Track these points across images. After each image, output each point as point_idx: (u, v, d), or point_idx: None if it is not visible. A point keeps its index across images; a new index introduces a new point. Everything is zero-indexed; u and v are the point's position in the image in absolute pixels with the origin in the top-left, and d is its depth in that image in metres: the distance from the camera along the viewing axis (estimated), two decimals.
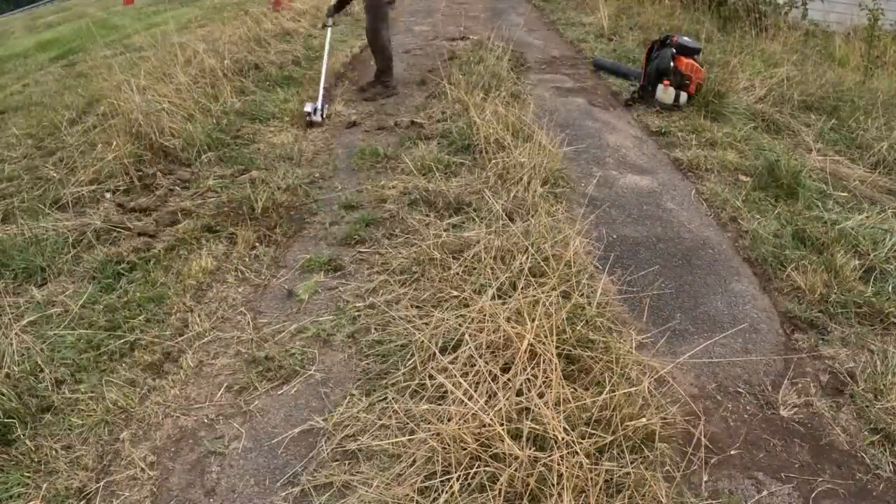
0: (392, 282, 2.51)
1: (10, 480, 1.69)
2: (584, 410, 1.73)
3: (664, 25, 6.90)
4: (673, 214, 3.20)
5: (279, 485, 1.73)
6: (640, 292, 2.54)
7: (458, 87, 4.25)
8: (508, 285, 2.24)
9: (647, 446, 1.73)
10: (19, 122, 4.51)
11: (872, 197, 3.42)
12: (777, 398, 2.07)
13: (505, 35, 5.98)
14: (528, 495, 1.56)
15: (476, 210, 2.94)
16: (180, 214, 3.08)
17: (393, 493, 1.60)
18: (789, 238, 2.91)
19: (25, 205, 3.14)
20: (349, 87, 5.14)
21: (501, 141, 3.46)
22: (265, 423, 1.93)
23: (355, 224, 2.94)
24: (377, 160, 3.64)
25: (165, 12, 9.60)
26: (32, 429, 1.86)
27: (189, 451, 1.85)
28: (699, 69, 4.49)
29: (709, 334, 2.34)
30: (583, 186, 3.36)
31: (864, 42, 5.98)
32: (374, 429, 1.84)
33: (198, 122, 3.83)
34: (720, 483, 1.75)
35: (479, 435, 1.66)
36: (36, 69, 7.32)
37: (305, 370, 2.12)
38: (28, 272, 2.60)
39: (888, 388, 2.06)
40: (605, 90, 5.15)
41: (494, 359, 1.93)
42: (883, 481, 1.79)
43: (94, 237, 2.84)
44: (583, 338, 2.04)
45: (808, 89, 4.78)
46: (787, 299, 2.56)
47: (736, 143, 3.98)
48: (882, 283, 2.61)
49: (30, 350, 2.11)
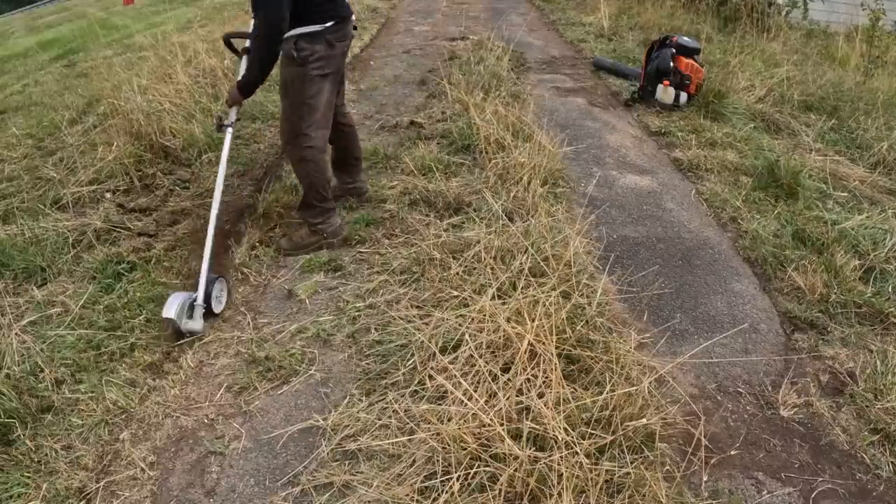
0: (392, 282, 2.51)
1: (10, 480, 1.69)
2: (584, 410, 1.73)
3: (664, 25, 6.90)
4: (673, 214, 3.20)
5: (279, 485, 1.73)
6: (640, 292, 2.54)
7: (458, 87, 4.25)
8: (508, 285, 2.24)
9: (647, 446, 1.73)
10: (19, 122, 4.51)
11: (872, 197, 3.42)
12: (777, 398, 2.07)
13: (505, 35, 5.98)
14: (528, 495, 1.56)
15: (476, 210, 2.94)
16: (180, 214, 3.08)
17: (393, 493, 1.60)
18: (789, 238, 2.91)
19: (25, 205, 3.13)
20: (349, 87, 5.14)
21: (501, 141, 3.46)
22: (265, 422, 1.93)
23: (355, 224, 2.94)
24: (377, 160, 3.64)
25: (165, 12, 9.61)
26: (32, 429, 1.86)
27: (189, 451, 1.85)
28: (699, 69, 4.50)
29: (709, 334, 2.34)
30: (583, 186, 3.36)
31: (865, 42, 5.98)
32: (374, 429, 1.84)
33: (198, 122, 3.83)
34: (720, 483, 1.75)
35: (479, 435, 1.66)
36: (36, 69, 7.32)
37: (305, 370, 2.12)
38: (28, 272, 2.60)
39: (888, 388, 2.06)
40: (605, 90, 5.15)
41: (494, 359, 1.93)
42: (883, 481, 1.79)
43: (94, 237, 2.84)
44: (583, 338, 2.04)
45: (808, 89, 4.78)
46: (787, 299, 2.56)
47: (736, 143, 3.98)
48: (882, 283, 2.61)
49: (30, 350, 2.10)
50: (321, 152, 2.68)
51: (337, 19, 2.50)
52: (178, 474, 1.78)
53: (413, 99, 4.75)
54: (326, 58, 2.52)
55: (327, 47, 2.50)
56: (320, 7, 2.47)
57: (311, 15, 2.44)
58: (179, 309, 2.22)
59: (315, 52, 2.48)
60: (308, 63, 2.49)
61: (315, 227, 2.75)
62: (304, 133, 2.59)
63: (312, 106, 2.56)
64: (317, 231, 2.75)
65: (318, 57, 2.50)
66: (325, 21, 2.47)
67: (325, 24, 2.47)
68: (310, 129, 2.58)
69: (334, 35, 2.51)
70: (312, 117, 2.57)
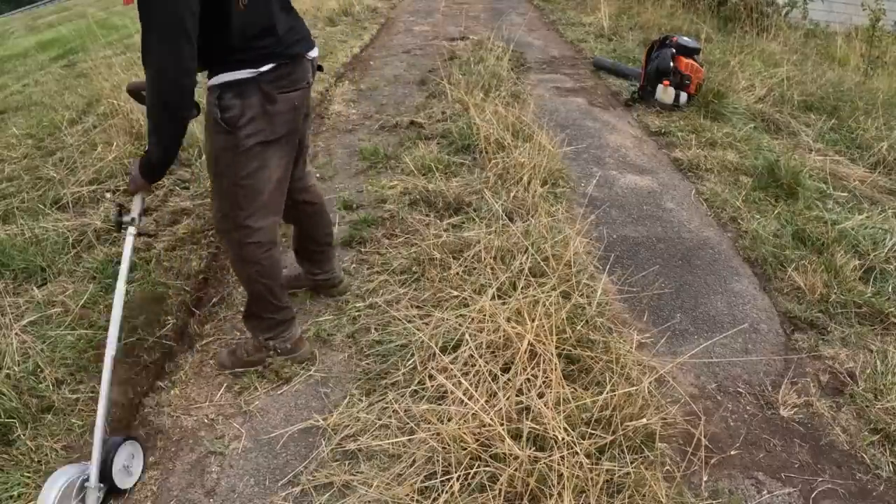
0: (392, 282, 2.51)
1: (11, 480, 1.69)
2: (584, 410, 1.73)
3: (664, 25, 6.91)
4: (673, 214, 3.20)
5: (279, 485, 1.73)
6: (640, 292, 2.54)
7: (458, 87, 4.25)
8: (508, 285, 2.24)
9: (647, 446, 1.73)
10: (19, 122, 4.51)
11: (872, 197, 3.42)
12: (777, 398, 2.07)
13: (505, 35, 5.98)
14: (528, 495, 1.56)
15: (476, 210, 2.94)
16: (180, 214, 3.08)
17: (393, 493, 1.60)
18: (789, 238, 2.91)
19: (25, 205, 3.13)
20: (349, 87, 5.14)
21: (501, 141, 3.46)
22: (265, 422, 1.93)
23: (355, 224, 2.94)
24: (377, 160, 3.64)
25: None
26: (33, 429, 1.86)
27: (189, 451, 1.85)
28: (699, 69, 4.50)
29: (709, 334, 2.34)
30: (583, 186, 3.36)
31: (865, 42, 5.98)
32: (374, 429, 1.84)
33: (198, 122, 3.82)
34: (720, 483, 1.75)
35: (479, 435, 1.66)
36: (36, 69, 7.32)
37: (305, 370, 2.12)
38: (28, 272, 2.60)
39: (888, 388, 2.07)
40: (605, 90, 5.15)
41: (494, 359, 1.93)
42: (883, 481, 1.79)
43: (94, 237, 2.84)
44: (583, 338, 2.04)
45: (808, 89, 4.78)
46: (787, 299, 2.56)
47: (736, 143, 3.98)
48: (882, 283, 2.61)
49: (30, 350, 2.10)
50: (269, 248, 1.93)
51: (281, 59, 1.74)
52: (178, 474, 1.78)
53: (413, 99, 4.75)
54: (267, 117, 1.75)
55: (265, 102, 1.73)
56: (250, 42, 1.68)
57: (236, 54, 1.68)
58: (60, 496, 1.49)
59: (247, 112, 1.72)
60: (238, 128, 1.73)
61: (265, 342, 2.07)
62: (243, 225, 1.86)
63: (252, 188, 1.82)
64: (266, 347, 2.08)
65: (251, 118, 1.73)
66: (261, 63, 1.70)
67: (260, 69, 1.70)
68: (251, 219, 1.85)
69: (275, 84, 1.74)
70: (253, 204, 1.84)
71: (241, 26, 1.64)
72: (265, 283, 1.96)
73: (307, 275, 2.40)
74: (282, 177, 1.89)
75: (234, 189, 1.82)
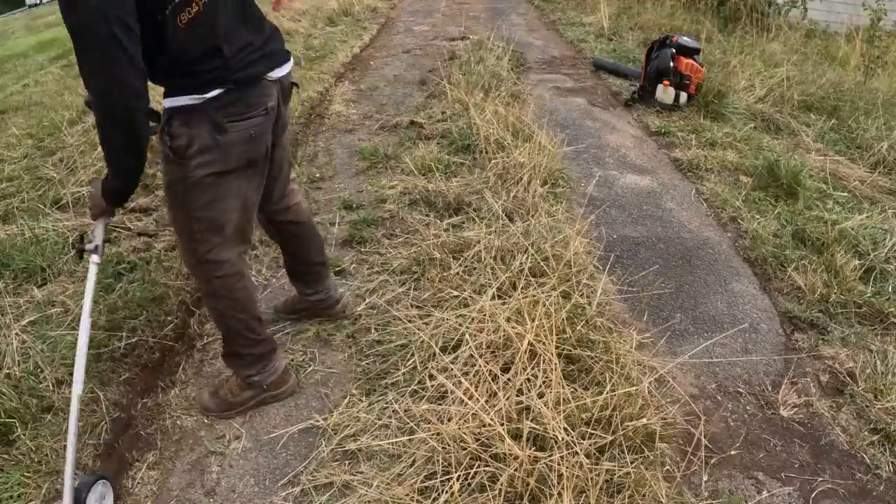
0: (392, 282, 2.51)
1: (11, 480, 1.69)
2: (584, 410, 1.73)
3: (664, 25, 6.91)
4: (673, 214, 3.20)
5: (279, 485, 1.73)
6: (640, 292, 2.54)
7: (458, 87, 4.25)
8: (508, 285, 2.24)
9: (647, 446, 1.73)
10: (19, 122, 4.50)
11: (872, 197, 3.42)
12: (777, 398, 2.07)
13: (505, 35, 5.98)
14: (528, 495, 1.56)
15: (476, 210, 2.94)
16: None
17: (393, 493, 1.60)
18: (789, 238, 2.91)
19: (25, 205, 3.13)
20: (349, 87, 5.14)
21: (501, 141, 3.46)
22: (265, 422, 1.93)
23: (355, 224, 2.94)
24: (377, 160, 3.64)
25: None
26: (33, 429, 1.86)
27: (189, 451, 1.85)
28: (699, 69, 4.50)
29: (709, 334, 2.34)
30: (583, 186, 3.36)
31: (865, 42, 5.98)
32: (374, 429, 1.84)
33: None
34: (720, 483, 1.75)
35: (480, 435, 1.66)
36: (36, 69, 7.32)
37: (305, 370, 2.12)
38: (28, 272, 2.60)
39: (888, 388, 2.07)
40: (605, 90, 5.15)
41: (494, 359, 1.93)
42: (883, 481, 1.79)
43: None
44: (583, 338, 2.04)
45: (808, 89, 4.77)
46: (787, 299, 2.56)
47: (736, 142, 3.98)
48: (882, 283, 2.61)
49: (30, 350, 2.10)
50: (238, 279, 1.78)
51: (229, 84, 1.51)
52: (178, 474, 1.78)
53: (413, 99, 4.75)
54: (219, 149, 1.55)
55: (215, 132, 1.53)
56: (192, 66, 1.49)
57: (177, 79, 1.51)
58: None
59: (195, 142, 1.53)
60: (187, 158, 1.55)
61: (248, 379, 1.92)
62: (205, 260, 1.70)
63: (211, 221, 1.65)
64: (251, 384, 1.93)
65: (199, 149, 1.54)
66: (206, 89, 1.49)
67: (205, 95, 1.49)
68: (211, 253, 1.69)
69: (224, 112, 1.53)
70: (213, 238, 1.68)
71: (181, 47, 1.44)
72: (240, 318, 1.82)
73: (301, 296, 2.27)
74: (246, 206, 1.70)
75: (189, 222, 1.66)
